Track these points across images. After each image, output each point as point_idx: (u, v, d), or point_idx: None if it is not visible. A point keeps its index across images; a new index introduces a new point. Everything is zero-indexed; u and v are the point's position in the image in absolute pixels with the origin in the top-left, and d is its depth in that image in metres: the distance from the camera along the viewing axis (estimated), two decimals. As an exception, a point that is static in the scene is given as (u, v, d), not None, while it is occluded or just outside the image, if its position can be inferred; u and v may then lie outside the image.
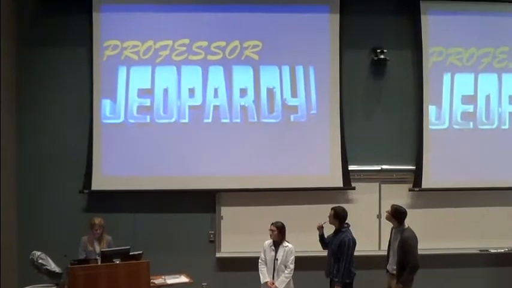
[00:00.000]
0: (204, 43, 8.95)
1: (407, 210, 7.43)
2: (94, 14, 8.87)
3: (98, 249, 7.91)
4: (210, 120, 8.96)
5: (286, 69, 9.04)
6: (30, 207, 8.90)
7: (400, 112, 9.28)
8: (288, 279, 7.46)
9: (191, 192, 8.96)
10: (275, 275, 7.50)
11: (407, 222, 7.35)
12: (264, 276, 7.57)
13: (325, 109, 9.07)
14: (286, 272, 7.45)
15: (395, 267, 7.27)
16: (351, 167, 9.12)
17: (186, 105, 8.94)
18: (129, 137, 8.89)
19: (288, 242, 7.57)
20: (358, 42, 9.14)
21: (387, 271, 7.51)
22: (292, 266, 7.45)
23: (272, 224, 7.60)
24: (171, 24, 8.96)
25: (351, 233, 7.39)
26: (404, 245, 7.14)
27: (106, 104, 8.90)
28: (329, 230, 7.60)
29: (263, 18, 9.04)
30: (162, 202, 8.96)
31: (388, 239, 7.56)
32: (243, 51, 9.01)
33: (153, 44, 8.92)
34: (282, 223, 7.59)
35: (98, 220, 8.01)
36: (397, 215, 7.32)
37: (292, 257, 7.46)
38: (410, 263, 7.10)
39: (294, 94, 9.05)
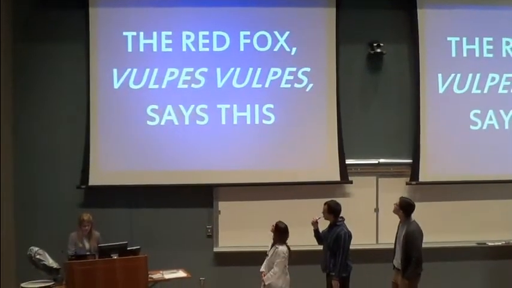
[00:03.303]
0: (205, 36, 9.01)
1: (405, 204, 7.45)
2: (91, 9, 8.85)
3: (87, 245, 7.92)
4: (207, 115, 8.97)
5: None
6: (27, 203, 8.90)
7: (397, 106, 9.27)
8: (273, 278, 7.34)
9: (188, 187, 8.96)
10: (267, 268, 7.50)
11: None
12: (263, 265, 7.57)
13: (322, 103, 9.07)
14: (271, 271, 7.38)
15: (400, 261, 7.27)
16: (348, 161, 9.12)
17: (183, 101, 8.96)
18: (126, 132, 8.89)
19: (283, 245, 7.43)
20: (354, 36, 9.11)
21: (394, 267, 7.49)
22: (276, 269, 7.33)
23: (279, 221, 7.56)
24: (171, 19, 8.96)
25: (346, 226, 7.40)
26: (409, 238, 7.15)
27: (103, 99, 8.88)
28: (325, 224, 7.60)
29: (259, 12, 9.03)
30: (159, 197, 8.95)
31: (395, 234, 7.53)
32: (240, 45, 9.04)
33: (151, 39, 8.93)
34: (283, 227, 7.48)
35: (86, 216, 7.98)
36: (406, 207, 7.30)
37: (278, 260, 7.33)
38: (414, 257, 7.10)
39: (290, 88, 9.05)
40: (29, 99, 8.95)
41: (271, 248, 7.52)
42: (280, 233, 7.48)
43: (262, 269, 7.53)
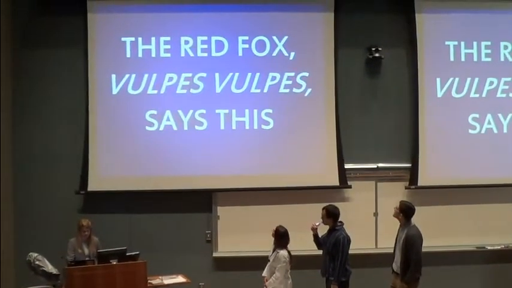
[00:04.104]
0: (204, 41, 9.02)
1: (403, 208, 7.45)
2: (89, 15, 8.87)
3: (86, 251, 7.93)
4: (206, 120, 8.98)
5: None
6: (26, 209, 8.90)
7: (395, 110, 9.29)
8: (276, 283, 7.31)
9: (187, 192, 8.96)
10: (269, 273, 7.48)
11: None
12: (265, 270, 7.54)
13: (320, 108, 9.08)
14: (273, 276, 7.36)
15: (400, 265, 7.26)
16: (347, 166, 9.13)
17: (182, 107, 8.97)
18: (125, 138, 8.90)
19: (283, 249, 7.41)
20: (353, 41, 9.14)
21: (393, 270, 7.48)
22: (278, 274, 7.30)
23: (279, 225, 7.55)
24: (169, 24, 8.98)
25: (345, 231, 7.38)
26: (409, 242, 7.14)
27: (102, 104, 8.89)
28: (324, 230, 7.58)
29: (257, 18, 9.06)
30: (158, 202, 8.96)
31: (395, 238, 7.52)
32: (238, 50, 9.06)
33: (150, 45, 8.94)
34: (283, 231, 7.46)
35: (85, 222, 7.98)
36: (406, 210, 7.29)
37: (280, 265, 7.30)
38: (413, 261, 7.10)
39: (289, 93, 9.06)
40: (28, 103, 8.96)
41: (272, 252, 7.52)
42: (281, 237, 7.46)
43: (264, 274, 7.51)
